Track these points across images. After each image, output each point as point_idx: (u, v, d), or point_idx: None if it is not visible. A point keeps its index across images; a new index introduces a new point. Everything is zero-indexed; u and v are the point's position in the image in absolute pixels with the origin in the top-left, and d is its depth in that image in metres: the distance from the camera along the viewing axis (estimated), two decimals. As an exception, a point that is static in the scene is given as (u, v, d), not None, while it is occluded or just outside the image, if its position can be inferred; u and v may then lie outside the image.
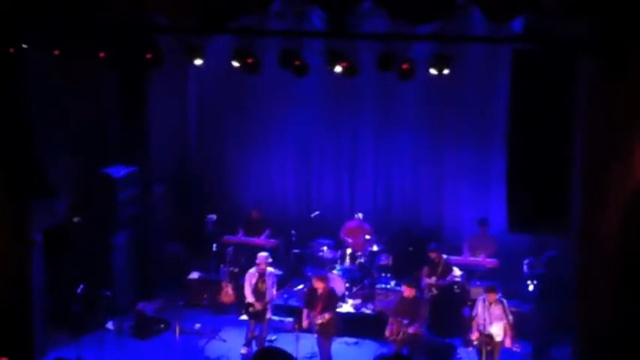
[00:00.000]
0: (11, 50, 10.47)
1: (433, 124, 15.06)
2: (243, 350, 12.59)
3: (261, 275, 12.49)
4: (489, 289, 11.67)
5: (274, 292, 12.58)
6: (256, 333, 12.53)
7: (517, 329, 11.77)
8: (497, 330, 11.50)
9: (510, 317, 11.48)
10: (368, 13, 10.48)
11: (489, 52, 12.89)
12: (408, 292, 11.99)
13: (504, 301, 11.68)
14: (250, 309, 12.44)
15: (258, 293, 12.45)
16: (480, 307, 11.70)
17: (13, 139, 10.74)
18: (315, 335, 11.99)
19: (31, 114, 10.97)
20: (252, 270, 12.61)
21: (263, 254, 12.72)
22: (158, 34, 11.04)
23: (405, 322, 11.76)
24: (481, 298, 11.82)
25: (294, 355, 10.68)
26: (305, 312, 12.00)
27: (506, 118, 10.04)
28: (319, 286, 11.96)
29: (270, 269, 12.65)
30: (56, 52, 10.82)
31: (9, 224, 11.13)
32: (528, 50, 9.53)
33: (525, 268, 13.39)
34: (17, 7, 10.29)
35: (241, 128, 15.93)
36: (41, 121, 11.44)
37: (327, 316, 11.84)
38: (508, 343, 11.47)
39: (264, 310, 12.41)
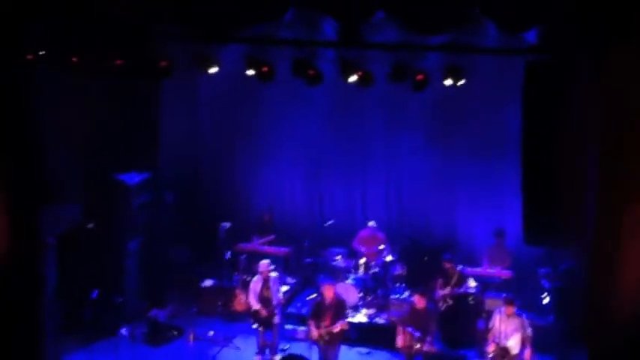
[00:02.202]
0: (30, 57, 10.58)
1: (445, 133, 14.96)
2: (256, 359, 12.56)
3: (265, 281, 12.49)
4: (507, 302, 11.54)
5: (280, 296, 12.59)
6: (267, 341, 12.49)
7: (534, 342, 11.63)
8: (514, 343, 11.37)
9: (529, 330, 11.34)
10: (380, 23, 10.43)
11: (501, 63, 12.80)
12: (419, 302, 11.88)
13: (523, 314, 11.56)
14: (258, 316, 12.43)
15: (264, 300, 12.45)
16: (496, 320, 11.58)
17: (26, 143, 10.82)
18: (322, 345, 11.88)
19: (44, 119, 11.05)
20: (256, 278, 12.63)
21: (264, 261, 12.69)
22: (171, 41, 11.06)
23: (417, 335, 11.65)
24: (497, 310, 11.69)
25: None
26: (312, 323, 11.89)
27: (519, 128, 9.95)
28: (329, 294, 11.89)
29: (273, 274, 12.64)
30: (74, 59, 10.87)
31: (22, 228, 11.21)
32: (541, 62, 9.46)
33: (542, 280, 13.24)
34: (26, 12, 10.38)
35: (253, 136, 15.92)
36: (54, 126, 11.50)
37: (344, 324, 11.80)
38: (527, 356, 11.31)
39: (271, 316, 12.39)
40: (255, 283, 12.58)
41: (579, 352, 11.72)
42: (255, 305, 12.46)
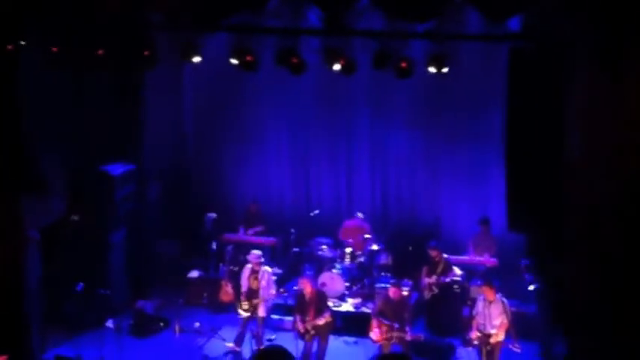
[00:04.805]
0: (10, 47, 10.49)
1: (430, 122, 15.02)
2: (230, 346, 12.56)
3: (254, 272, 12.49)
4: (487, 287, 11.63)
5: (271, 291, 12.54)
6: (252, 331, 12.47)
7: (518, 329, 11.71)
8: (497, 329, 11.43)
9: (509, 316, 11.41)
10: (364, 11, 10.44)
11: (485, 51, 12.86)
12: (393, 293, 11.89)
13: (505, 300, 11.62)
14: (242, 301, 12.47)
15: (250, 290, 12.47)
16: (480, 306, 11.65)
17: (7, 135, 10.75)
18: (310, 338, 11.89)
19: (26, 110, 10.98)
20: (249, 265, 12.66)
21: (255, 252, 12.70)
22: (154, 31, 11.01)
23: (395, 326, 11.67)
24: (481, 297, 11.77)
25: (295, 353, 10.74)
26: (297, 317, 11.92)
27: (503, 116, 10.00)
28: (307, 288, 11.92)
29: (267, 268, 12.64)
30: (54, 49, 10.80)
31: (5, 221, 11.16)
32: (525, 49, 9.49)
33: (524, 271, 13.26)
34: (16, 5, 10.30)
35: (238, 126, 15.88)
36: (37, 117, 11.42)
37: (327, 316, 11.82)
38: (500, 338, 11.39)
39: (255, 307, 12.39)
40: (247, 270, 12.62)
41: (562, 340, 11.83)
42: (244, 288, 12.50)
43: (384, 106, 15.13)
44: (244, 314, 12.48)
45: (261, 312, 12.47)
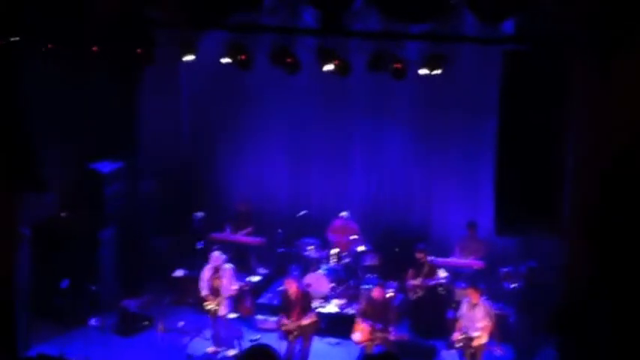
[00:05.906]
0: (8, 43, 10.45)
1: (423, 124, 15.03)
2: (210, 350, 12.61)
3: (216, 271, 12.49)
4: (472, 289, 11.73)
5: (232, 287, 12.55)
6: (219, 331, 12.54)
7: (500, 332, 11.82)
8: (481, 332, 11.53)
9: (493, 318, 11.52)
10: (360, 11, 10.50)
11: (481, 53, 12.98)
12: (377, 293, 11.97)
13: (488, 303, 11.73)
14: (205, 303, 12.49)
15: (212, 289, 12.48)
16: (464, 309, 11.75)
17: (4, 132, 10.71)
18: (294, 339, 11.94)
19: (22, 107, 10.94)
20: (208, 265, 12.65)
21: (216, 254, 12.68)
22: (151, 28, 11.01)
23: (378, 326, 11.74)
24: (466, 299, 11.87)
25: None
26: (283, 317, 11.97)
27: (495, 119, 10.08)
28: (292, 288, 11.96)
29: (227, 265, 12.64)
30: (50, 46, 10.77)
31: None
32: (519, 51, 9.59)
33: (503, 280, 13.37)
34: (15, 1, 10.28)
35: (232, 125, 15.88)
36: (32, 114, 11.36)
37: (312, 316, 11.86)
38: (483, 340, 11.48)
39: (217, 306, 12.42)
40: (206, 270, 12.60)
41: (544, 345, 11.95)
42: (204, 291, 12.53)
43: (379, 107, 15.12)
44: (210, 315, 12.52)
45: (222, 310, 12.46)
